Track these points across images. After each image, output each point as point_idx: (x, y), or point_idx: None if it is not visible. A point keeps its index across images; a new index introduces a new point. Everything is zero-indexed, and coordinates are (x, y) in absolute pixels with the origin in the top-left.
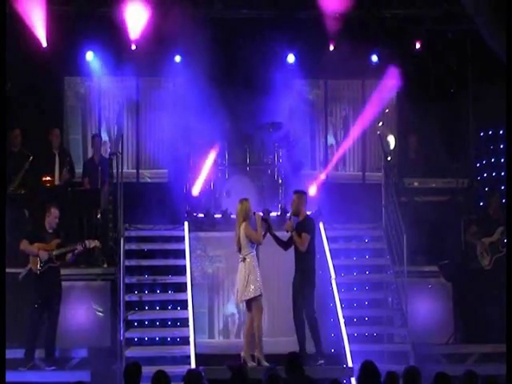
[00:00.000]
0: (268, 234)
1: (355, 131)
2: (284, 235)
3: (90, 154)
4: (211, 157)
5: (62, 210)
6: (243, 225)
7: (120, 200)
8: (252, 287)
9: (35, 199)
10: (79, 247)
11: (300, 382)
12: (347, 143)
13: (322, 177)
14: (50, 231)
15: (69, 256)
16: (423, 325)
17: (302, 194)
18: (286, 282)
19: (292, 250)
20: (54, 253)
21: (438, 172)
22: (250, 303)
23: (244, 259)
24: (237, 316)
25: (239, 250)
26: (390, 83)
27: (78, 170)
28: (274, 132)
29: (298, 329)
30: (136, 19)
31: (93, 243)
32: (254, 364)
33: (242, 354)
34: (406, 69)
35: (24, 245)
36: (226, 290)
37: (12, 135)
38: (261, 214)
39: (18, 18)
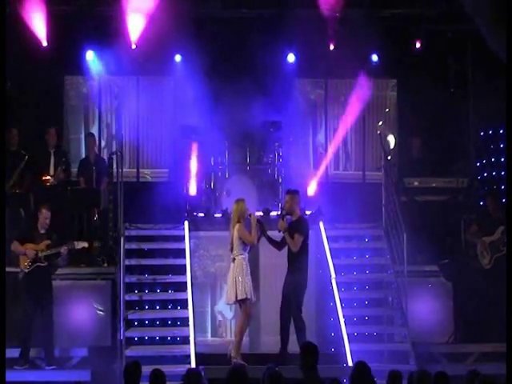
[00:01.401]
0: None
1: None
2: (279, 234)
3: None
4: (194, 153)
5: (59, 209)
6: (237, 226)
7: (120, 199)
8: (239, 291)
9: (31, 198)
10: (67, 248)
11: (313, 380)
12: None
13: (321, 176)
14: (42, 232)
15: (59, 259)
16: (423, 324)
17: (294, 193)
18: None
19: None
20: (43, 253)
21: (439, 171)
22: (239, 304)
23: (234, 259)
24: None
25: (231, 249)
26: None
27: (75, 169)
28: (274, 131)
29: (282, 328)
30: (136, 18)
31: (81, 244)
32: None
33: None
34: (406, 68)
35: (14, 246)
36: None
37: (10, 135)
38: (257, 214)
39: (17, 17)
